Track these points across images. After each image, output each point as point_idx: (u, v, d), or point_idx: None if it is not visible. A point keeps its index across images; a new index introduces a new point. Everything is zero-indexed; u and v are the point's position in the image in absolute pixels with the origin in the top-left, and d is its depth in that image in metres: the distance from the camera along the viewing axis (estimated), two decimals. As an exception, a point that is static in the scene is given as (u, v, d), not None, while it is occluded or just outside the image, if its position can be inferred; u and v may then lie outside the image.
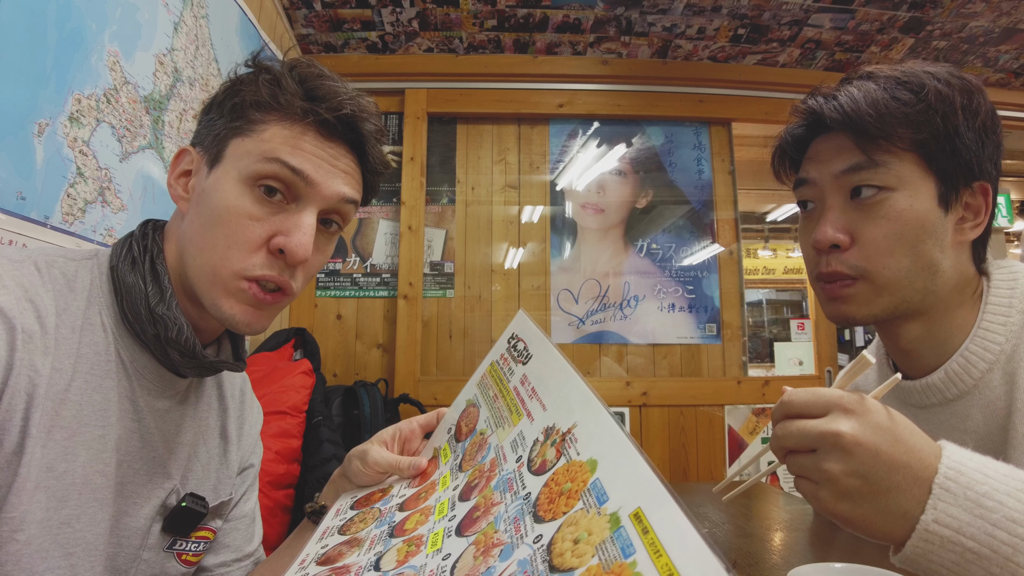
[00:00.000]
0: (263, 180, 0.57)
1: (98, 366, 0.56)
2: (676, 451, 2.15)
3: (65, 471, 0.53)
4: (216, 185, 0.58)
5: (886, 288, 0.65)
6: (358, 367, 2.17)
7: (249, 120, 0.58)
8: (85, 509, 0.55)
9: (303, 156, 0.58)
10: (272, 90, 0.58)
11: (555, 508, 0.41)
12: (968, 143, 0.63)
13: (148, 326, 0.58)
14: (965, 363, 0.66)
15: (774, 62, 2.35)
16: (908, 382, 0.72)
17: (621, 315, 2.26)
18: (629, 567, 0.32)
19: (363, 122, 0.62)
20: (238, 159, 0.58)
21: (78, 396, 0.54)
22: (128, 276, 0.58)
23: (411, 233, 2.20)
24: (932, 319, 0.68)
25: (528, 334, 0.60)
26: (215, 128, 0.60)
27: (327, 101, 0.59)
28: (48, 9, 0.95)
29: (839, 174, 0.66)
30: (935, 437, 0.48)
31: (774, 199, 4.55)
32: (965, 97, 0.64)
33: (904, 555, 0.46)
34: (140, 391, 0.60)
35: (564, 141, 2.37)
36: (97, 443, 0.56)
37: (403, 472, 0.66)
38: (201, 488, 0.68)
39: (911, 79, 0.64)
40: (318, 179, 0.59)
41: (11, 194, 0.88)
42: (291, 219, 0.58)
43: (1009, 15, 2.04)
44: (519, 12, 2.08)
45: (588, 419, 0.45)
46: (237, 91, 0.60)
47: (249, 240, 0.57)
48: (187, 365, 0.61)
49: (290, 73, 0.60)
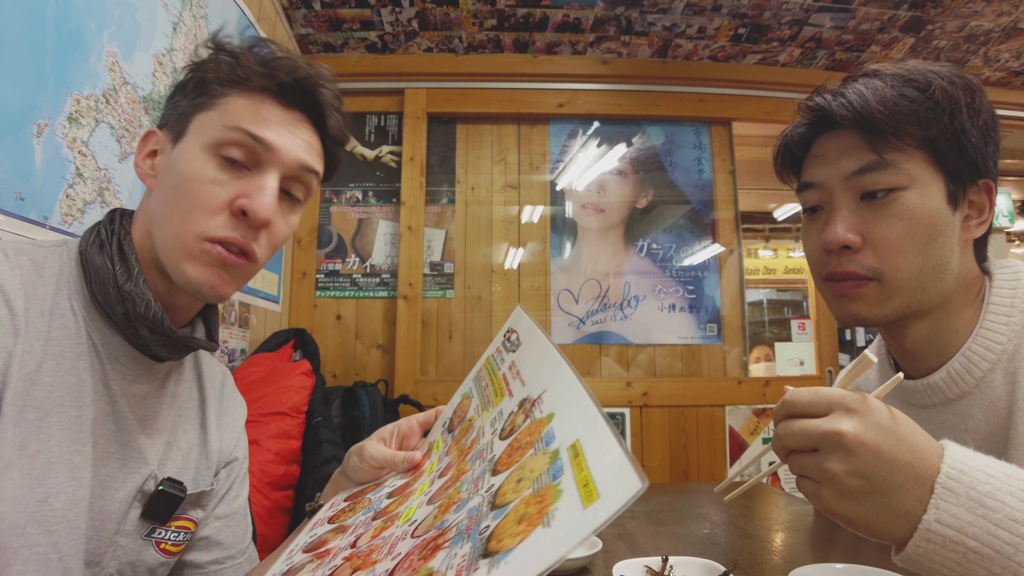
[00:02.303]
0: (225, 147, 0.59)
1: (69, 349, 0.57)
2: (677, 451, 2.15)
3: (39, 450, 0.54)
4: (179, 157, 0.60)
5: (899, 289, 0.64)
6: (358, 368, 2.17)
7: (211, 95, 0.61)
8: (64, 488, 0.55)
9: (263, 123, 0.60)
10: (231, 64, 0.61)
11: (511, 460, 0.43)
12: (974, 141, 0.63)
13: (117, 304, 0.59)
14: (967, 363, 0.66)
15: (774, 61, 2.35)
16: (910, 382, 0.71)
17: (621, 315, 2.26)
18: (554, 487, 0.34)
19: (320, 88, 0.64)
20: (201, 131, 0.60)
21: (50, 377, 0.55)
22: (96, 258, 0.60)
23: (411, 233, 2.19)
24: (937, 319, 0.67)
25: (521, 326, 0.61)
26: (179, 108, 0.62)
27: (284, 67, 0.61)
28: (47, 9, 0.94)
29: (849, 175, 0.65)
30: (937, 437, 0.48)
31: (775, 199, 4.55)
32: (968, 96, 0.63)
33: (906, 555, 0.46)
34: (114, 375, 0.61)
35: (564, 141, 2.37)
36: (72, 423, 0.56)
37: (398, 466, 0.66)
38: (181, 476, 0.68)
39: (917, 77, 0.64)
40: (278, 145, 0.61)
41: (10, 195, 0.87)
42: (253, 182, 0.60)
43: (1009, 14, 2.04)
44: (519, 12, 2.08)
45: (556, 383, 0.46)
46: (198, 71, 0.62)
47: (211, 203, 0.59)
48: (157, 343, 0.62)
49: (250, 51, 0.62)
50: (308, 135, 0.65)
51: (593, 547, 0.64)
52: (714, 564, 0.57)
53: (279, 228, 0.64)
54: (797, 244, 5.48)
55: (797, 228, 5.11)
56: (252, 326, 1.85)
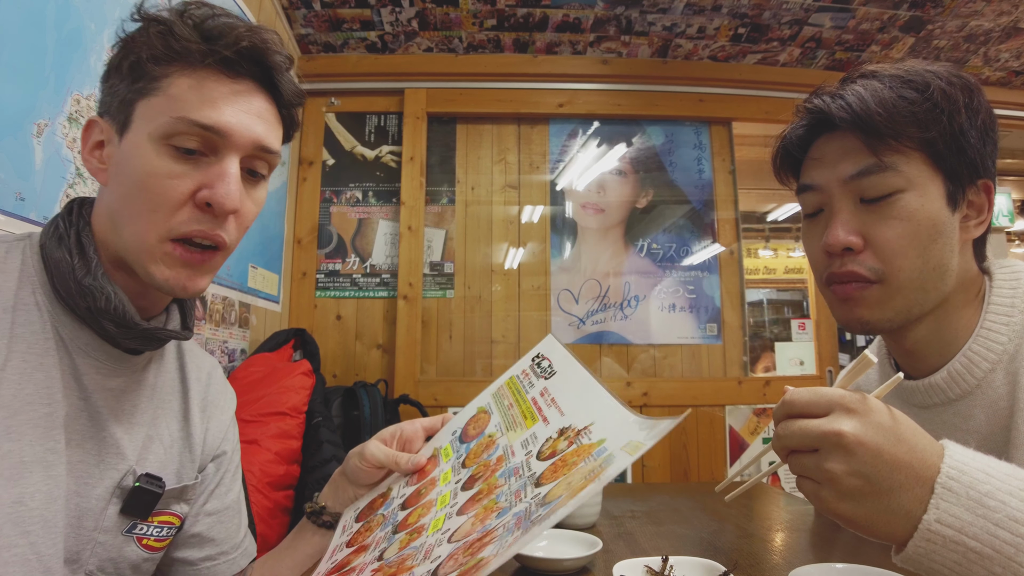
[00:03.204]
0: (175, 137, 0.55)
1: (36, 344, 0.55)
2: (677, 451, 2.15)
3: (10, 450, 0.52)
4: (130, 151, 0.56)
5: (900, 290, 0.65)
6: (358, 368, 2.17)
7: (150, 78, 0.56)
8: (39, 487, 0.54)
9: (212, 106, 0.56)
10: (166, 40, 0.56)
11: (556, 475, 0.46)
12: (972, 141, 0.63)
13: (79, 299, 0.57)
14: (968, 363, 0.66)
15: (774, 61, 2.35)
16: (911, 382, 0.71)
17: (621, 315, 2.26)
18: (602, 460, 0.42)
19: (268, 54, 0.59)
20: (148, 121, 0.56)
21: (16, 375, 0.54)
22: (55, 251, 0.57)
23: (411, 233, 2.19)
24: (938, 320, 0.67)
25: (555, 354, 0.63)
26: (118, 93, 0.58)
27: (224, 38, 0.56)
28: (47, 10, 0.94)
29: (848, 179, 0.65)
30: (938, 437, 0.48)
31: (775, 198, 4.55)
32: (967, 96, 0.64)
33: (906, 555, 0.46)
34: (86, 369, 0.59)
35: (564, 141, 2.37)
36: (44, 420, 0.55)
37: (401, 467, 0.66)
38: (163, 471, 0.66)
39: (915, 77, 0.64)
40: (233, 129, 0.57)
41: (10, 195, 0.87)
42: (213, 170, 0.57)
43: (1009, 14, 2.04)
44: (519, 11, 2.08)
45: (606, 418, 0.50)
46: (131, 49, 0.57)
47: (172, 199, 0.56)
48: (125, 336, 0.60)
49: (181, 19, 0.57)
50: (261, 105, 0.60)
51: (593, 547, 0.64)
52: (714, 564, 0.57)
53: (247, 209, 0.61)
54: (797, 244, 5.48)
55: (797, 228, 5.11)
56: (252, 326, 1.85)
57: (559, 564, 0.62)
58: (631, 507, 0.91)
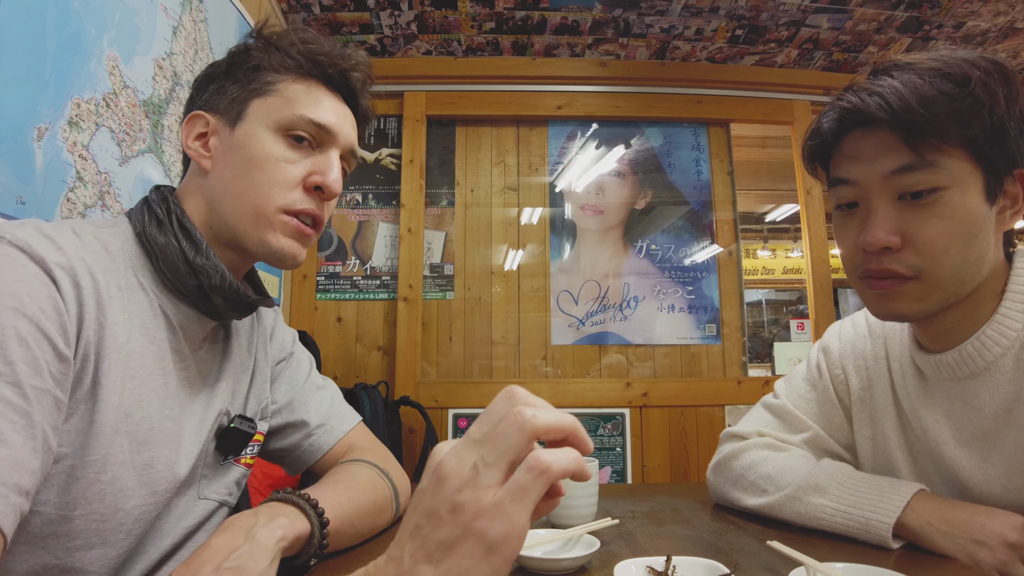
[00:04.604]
0: (293, 131, 0.66)
1: (148, 321, 0.62)
2: (676, 451, 2.15)
3: (142, 417, 0.59)
4: (246, 139, 0.65)
5: (938, 285, 0.64)
6: (358, 369, 2.17)
7: (265, 82, 0.67)
8: (162, 451, 0.61)
9: (323, 111, 0.68)
10: (281, 56, 0.68)
11: None
12: (1013, 133, 0.62)
13: (189, 279, 0.63)
14: (980, 346, 0.66)
15: (772, 62, 2.36)
16: (923, 354, 0.73)
17: (621, 316, 2.26)
18: None
19: (355, 76, 0.72)
20: (266, 115, 0.66)
21: (140, 348, 0.60)
22: (159, 237, 0.63)
23: (411, 235, 2.20)
24: (965, 308, 0.68)
25: None
26: (229, 93, 0.67)
27: (328, 60, 0.69)
28: (47, 13, 0.95)
29: (888, 175, 0.63)
30: (946, 407, 0.50)
31: (773, 199, 4.56)
32: (1006, 86, 0.61)
33: None
34: (186, 341, 0.66)
35: (563, 143, 2.38)
36: (162, 391, 0.62)
37: None
38: (251, 411, 0.75)
39: (954, 70, 0.61)
40: (338, 130, 0.69)
41: (11, 199, 0.88)
42: (323, 160, 0.68)
43: (1006, 14, 2.05)
44: (517, 14, 2.09)
45: None
46: (248, 58, 0.68)
47: (288, 179, 0.65)
48: (230, 308, 0.67)
49: (292, 41, 0.69)
50: (351, 118, 0.72)
51: (591, 547, 0.64)
52: (716, 564, 0.57)
53: (337, 199, 0.71)
54: (795, 244, 5.49)
55: (795, 228, 5.12)
56: (252, 329, 1.86)
57: (557, 564, 0.62)
58: (631, 507, 0.91)
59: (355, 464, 0.77)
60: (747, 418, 0.95)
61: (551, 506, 0.38)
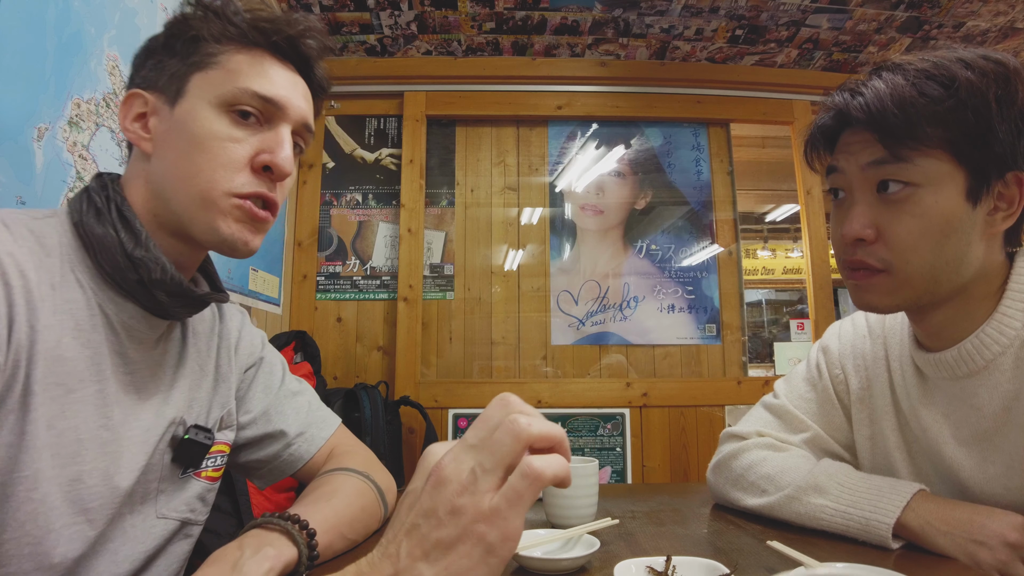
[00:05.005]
0: (237, 106, 0.60)
1: (83, 322, 0.56)
2: (676, 451, 2.15)
3: (66, 428, 0.53)
4: (187, 117, 0.59)
5: (908, 282, 0.65)
6: (358, 369, 2.17)
7: (206, 53, 0.60)
8: (96, 464, 0.56)
9: (270, 82, 0.61)
10: (222, 23, 0.61)
11: None
12: (1002, 136, 0.61)
13: (129, 272, 0.58)
14: (979, 344, 0.67)
15: (772, 63, 2.36)
16: (923, 353, 0.73)
17: (621, 316, 2.26)
18: None
19: (307, 43, 0.65)
20: (207, 90, 0.60)
21: (71, 353, 0.54)
22: (96, 228, 0.57)
23: (411, 235, 2.20)
24: (956, 307, 0.68)
25: None
26: (168, 68, 0.61)
27: (274, 27, 0.62)
28: (47, 14, 0.95)
29: (865, 166, 0.66)
30: (945, 405, 0.50)
31: (773, 199, 4.56)
32: (1000, 86, 0.61)
33: None
34: (129, 343, 0.60)
35: (563, 143, 2.38)
36: (96, 398, 0.56)
37: None
38: (207, 418, 0.69)
39: (941, 71, 0.62)
40: (287, 103, 0.62)
41: (11, 199, 0.88)
42: (271, 137, 0.62)
43: (1006, 14, 2.05)
44: (517, 14, 2.09)
45: None
46: (186, 28, 0.61)
47: (234, 160, 0.60)
48: (176, 304, 0.61)
49: (235, 5, 0.62)
50: (303, 87, 0.66)
51: (591, 547, 0.64)
52: (716, 564, 0.57)
53: (291, 178, 0.65)
54: (795, 244, 5.49)
55: (795, 228, 5.12)
56: (252, 329, 1.86)
57: (557, 564, 0.62)
58: (631, 507, 0.91)
59: (339, 475, 0.74)
60: (747, 418, 0.95)
61: None
